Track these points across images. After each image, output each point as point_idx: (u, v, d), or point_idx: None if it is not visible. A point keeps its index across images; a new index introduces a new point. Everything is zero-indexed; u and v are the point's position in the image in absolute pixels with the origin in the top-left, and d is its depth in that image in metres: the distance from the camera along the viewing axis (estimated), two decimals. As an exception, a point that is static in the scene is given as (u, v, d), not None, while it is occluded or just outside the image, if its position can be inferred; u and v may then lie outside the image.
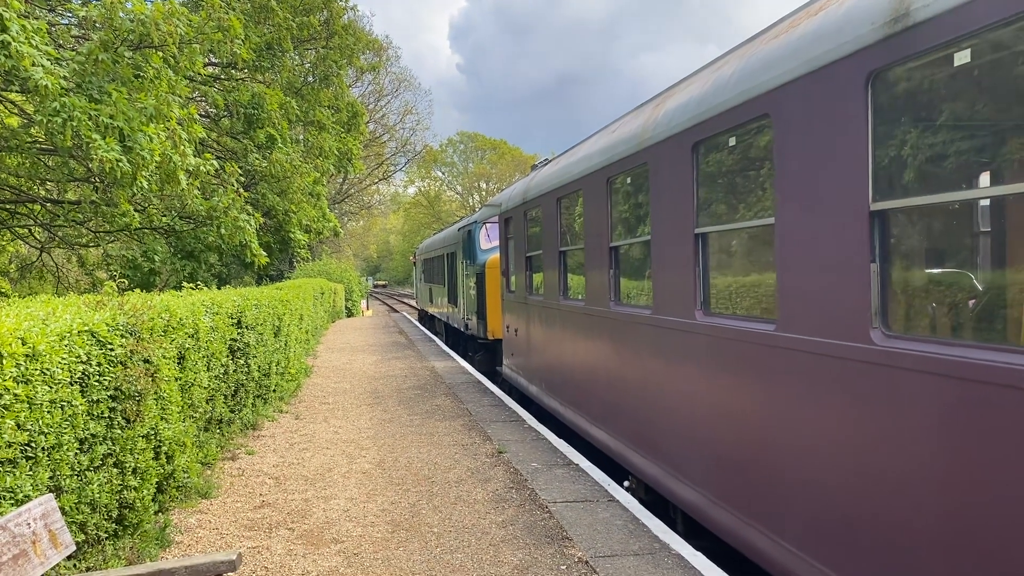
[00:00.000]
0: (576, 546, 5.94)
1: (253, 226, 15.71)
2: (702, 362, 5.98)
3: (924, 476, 3.64)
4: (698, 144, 5.99)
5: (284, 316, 13.11)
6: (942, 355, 3.50)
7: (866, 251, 3.98)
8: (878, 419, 3.93)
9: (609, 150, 8.03)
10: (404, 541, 6.20)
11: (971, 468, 3.35)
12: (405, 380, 15.40)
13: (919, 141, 3.84)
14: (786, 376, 4.81)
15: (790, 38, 4.86)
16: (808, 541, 4.60)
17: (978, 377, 3.30)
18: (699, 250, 6.00)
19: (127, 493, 5.63)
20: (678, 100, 6.57)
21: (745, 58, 5.49)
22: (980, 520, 3.32)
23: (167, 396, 6.44)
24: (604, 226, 8.18)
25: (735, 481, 5.51)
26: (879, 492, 3.96)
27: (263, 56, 19.14)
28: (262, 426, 10.75)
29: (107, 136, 9.50)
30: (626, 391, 7.72)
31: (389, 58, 54.47)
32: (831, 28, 4.36)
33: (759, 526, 5.13)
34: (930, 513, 3.61)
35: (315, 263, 39.16)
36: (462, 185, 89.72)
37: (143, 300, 6.54)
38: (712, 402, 5.84)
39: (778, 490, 4.92)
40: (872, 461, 4.00)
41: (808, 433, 4.59)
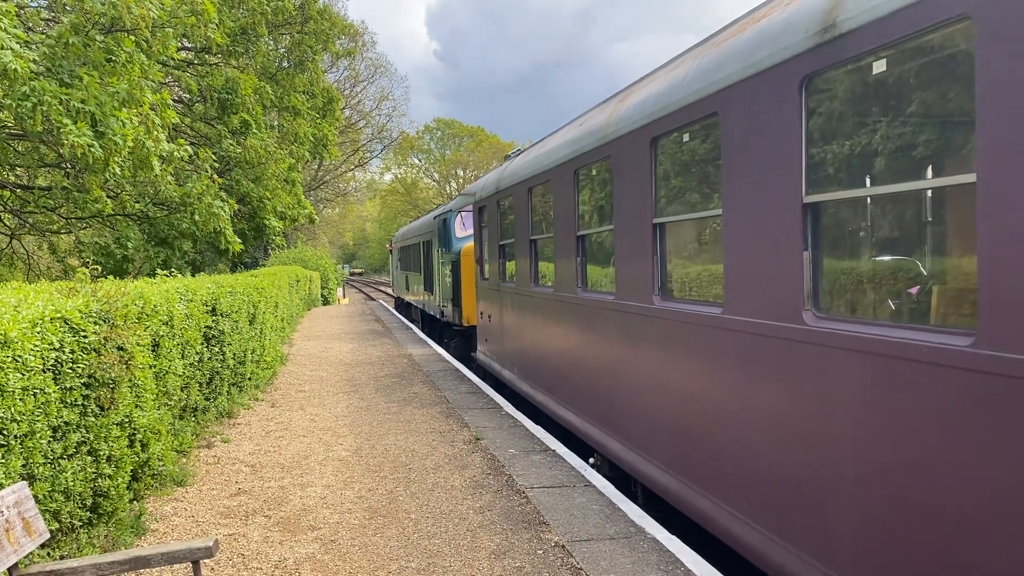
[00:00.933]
0: (553, 531, 5.98)
1: (227, 213, 15.59)
2: (659, 344, 6.36)
3: (849, 442, 4.01)
4: (656, 139, 6.33)
5: (259, 304, 13.04)
6: (864, 334, 3.86)
7: (799, 240, 4.36)
8: (811, 392, 4.29)
9: (576, 142, 8.31)
10: (381, 527, 6.21)
11: (888, 432, 3.72)
12: (382, 368, 15.37)
13: (845, 140, 4.22)
14: (732, 355, 5.16)
15: (736, 42, 5.20)
16: (751, 506, 4.97)
17: (894, 353, 3.66)
18: (657, 239, 6.38)
19: (101, 481, 5.59)
20: (638, 97, 6.87)
21: (697, 59, 5.81)
22: (894, 477, 3.71)
23: (141, 384, 6.39)
24: (572, 216, 8.46)
25: (687, 453, 5.90)
26: (812, 458, 4.33)
27: (237, 41, 18.93)
28: (237, 414, 10.70)
29: (79, 121, 9.37)
30: (591, 373, 8.05)
31: (365, 44, 54.08)
32: (771, 35, 4.70)
33: (708, 494, 5.53)
34: (854, 472, 3.98)
35: (290, 250, 38.92)
36: (439, 172, 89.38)
37: (117, 287, 6.48)
38: (667, 381, 6.22)
39: (724, 460, 5.31)
40: (805, 430, 4.36)
41: (751, 407, 4.94)
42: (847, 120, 4.24)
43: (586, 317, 8.14)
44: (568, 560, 5.41)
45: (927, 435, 3.50)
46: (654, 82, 6.69)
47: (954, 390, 3.34)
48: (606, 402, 7.65)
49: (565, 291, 8.78)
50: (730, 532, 5.20)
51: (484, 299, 13.90)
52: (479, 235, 14.33)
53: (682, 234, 6.33)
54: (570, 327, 8.72)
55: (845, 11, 3.98)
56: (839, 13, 4.02)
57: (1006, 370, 3.08)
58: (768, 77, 4.65)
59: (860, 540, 3.95)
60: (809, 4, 4.39)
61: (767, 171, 4.68)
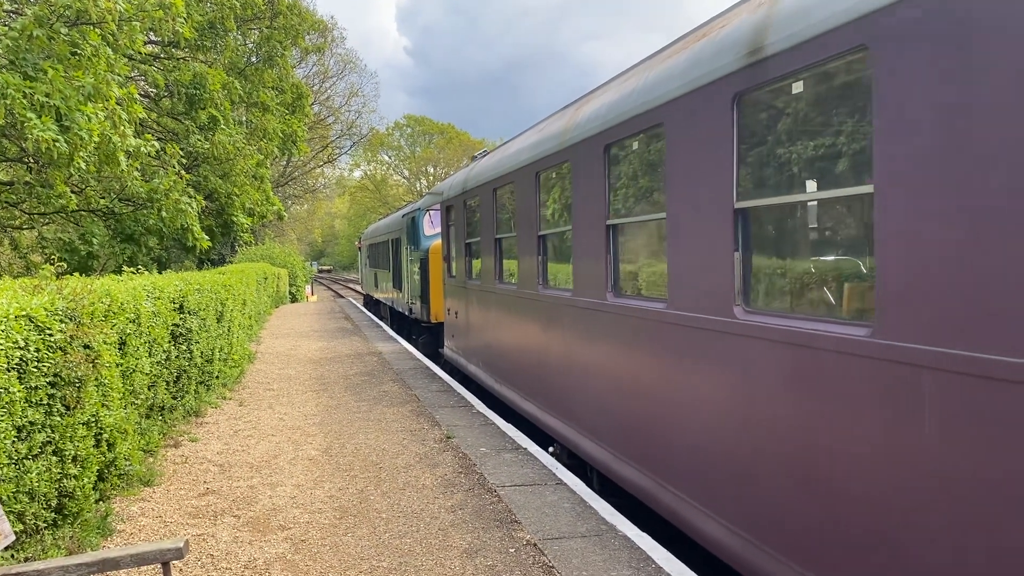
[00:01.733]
0: (525, 529, 5.99)
1: (195, 209, 15.41)
2: (611, 337, 6.80)
3: (770, 423, 4.45)
4: (609, 146, 6.76)
5: (227, 301, 12.91)
6: (783, 326, 4.30)
7: (731, 242, 4.81)
8: (740, 379, 4.76)
9: (537, 146, 8.71)
10: (352, 527, 6.19)
11: (802, 414, 4.16)
12: (352, 366, 15.29)
13: (770, 152, 4.68)
14: (674, 347, 5.62)
15: (680, 59, 5.60)
16: (689, 484, 5.43)
17: (807, 343, 4.09)
18: (610, 239, 6.80)
19: (67, 482, 5.51)
20: (593, 106, 7.30)
21: (646, 73, 6.22)
22: (807, 454, 4.13)
23: (108, 382, 6.30)
24: (534, 216, 8.86)
25: (634, 439, 6.38)
26: (740, 438, 4.77)
27: (205, 35, 18.69)
28: (205, 413, 10.59)
29: (43, 115, 9.20)
30: (551, 366, 8.45)
31: (334, 39, 53.62)
32: (709, 54, 5.12)
33: (652, 475, 6.01)
34: (774, 450, 4.43)
35: (258, 247, 38.56)
36: (409, 169, 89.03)
37: (83, 284, 6.38)
38: (618, 372, 6.67)
39: (665, 444, 5.80)
40: (735, 413, 4.81)
41: (689, 394, 5.42)
42: (772, 134, 4.69)
43: (546, 313, 8.53)
44: (540, 558, 5.43)
45: (834, 416, 3.90)
46: (607, 92, 7.09)
47: (855, 376, 3.74)
48: (564, 394, 8.05)
49: (527, 288, 9.18)
50: (671, 509, 5.67)
51: (451, 296, 14.22)
52: (446, 234, 14.64)
53: (632, 235, 6.75)
54: (532, 323, 9.12)
55: (770, 36, 4.40)
56: (765, 38, 4.43)
57: (897, 357, 3.47)
58: (706, 92, 5.07)
59: (779, 511, 4.38)
60: (741, 28, 4.80)
61: (704, 178, 5.12)
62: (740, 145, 4.79)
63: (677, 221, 5.51)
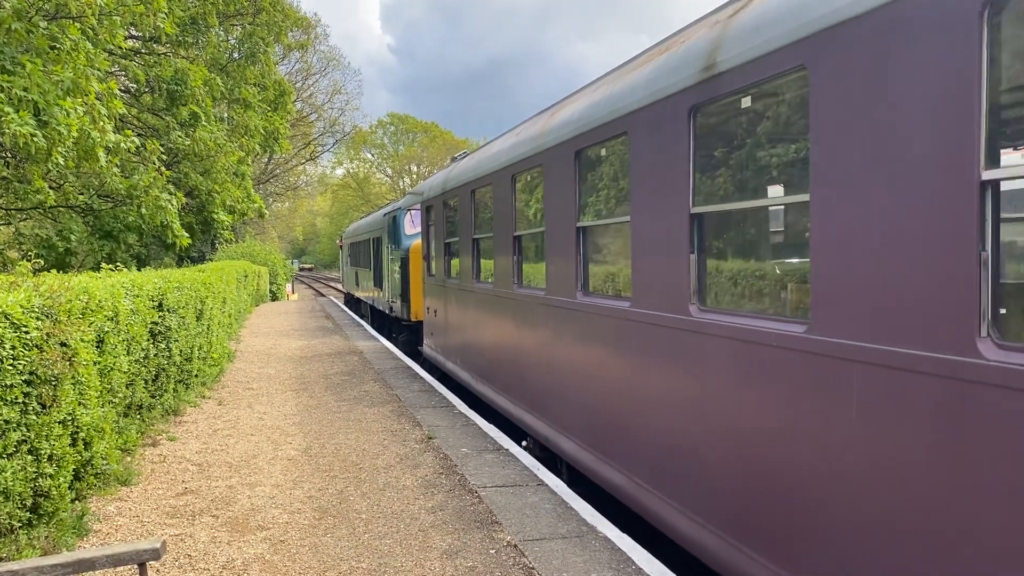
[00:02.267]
0: (505, 530, 5.98)
1: (175, 206, 15.28)
2: (580, 335, 7.12)
3: (722, 413, 4.82)
4: (579, 152, 7.07)
5: (207, 299, 12.81)
6: (733, 323, 4.65)
7: (687, 244, 5.15)
8: (695, 372, 5.11)
9: (514, 150, 9.01)
10: (332, 528, 6.15)
11: (750, 404, 4.52)
12: (332, 365, 15.23)
13: (722, 161, 5.08)
14: (636, 343, 5.96)
15: (643, 71, 5.94)
16: (650, 472, 5.76)
17: (753, 339, 4.43)
18: (580, 241, 7.12)
19: (42, 481, 5.44)
20: (565, 112, 7.63)
21: (614, 83, 6.56)
22: (753, 441, 4.49)
23: (85, 381, 6.23)
24: (510, 217, 9.14)
25: (600, 430, 6.73)
26: (695, 428, 5.13)
27: (187, 31, 18.55)
28: (184, 412, 10.50)
29: (21, 109, 9.08)
30: (525, 363, 8.79)
31: (317, 36, 53.39)
32: (669, 68, 5.47)
33: (616, 464, 6.33)
34: (725, 439, 4.79)
35: (239, 245, 38.29)
36: (392, 168, 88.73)
37: (60, 281, 6.31)
38: (586, 367, 7.01)
39: (628, 434, 6.13)
40: (691, 405, 5.16)
41: (650, 387, 5.76)
42: (724, 145, 5.09)
43: (521, 311, 8.87)
44: (520, 560, 5.42)
45: (776, 405, 4.26)
46: (579, 100, 7.43)
47: (793, 368, 4.10)
48: (537, 389, 8.39)
49: (503, 287, 9.49)
50: (633, 497, 6.02)
51: (430, 295, 14.52)
52: (426, 233, 14.91)
53: (601, 237, 7.09)
54: (507, 320, 9.43)
55: (722, 54, 4.75)
56: (718, 55, 4.79)
57: (829, 351, 3.83)
58: (665, 104, 5.41)
59: (730, 495, 4.74)
60: (698, 45, 5.15)
61: (664, 184, 5.47)
62: (696, 154, 5.14)
63: (640, 224, 5.85)
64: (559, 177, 7.48)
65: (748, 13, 4.66)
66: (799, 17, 4.06)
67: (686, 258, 5.16)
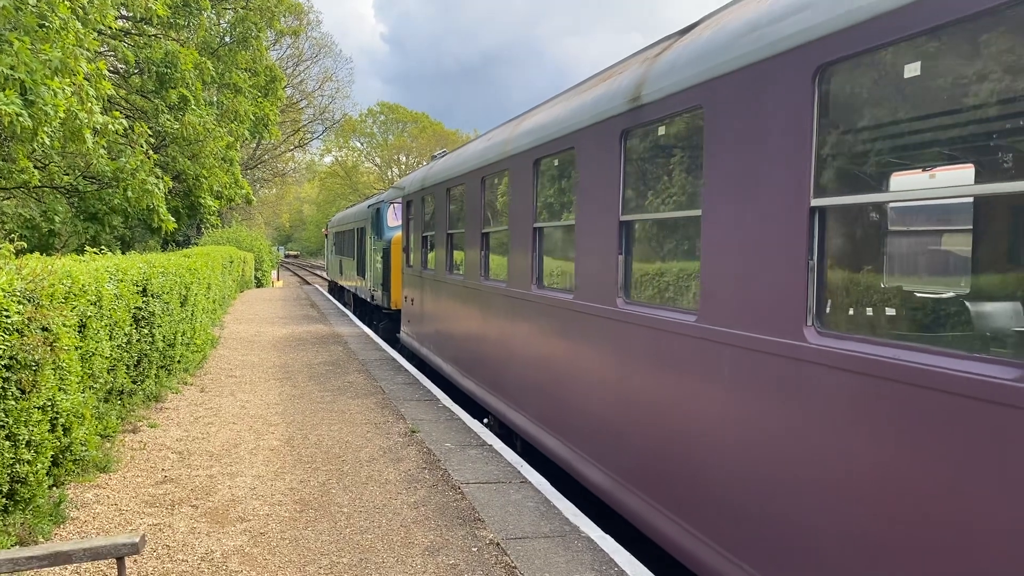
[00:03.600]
0: (488, 528, 5.95)
1: (162, 190, 15.13)
2: (532, 322, 8.08)
3: (638, 388, 5.67)
4: (537, 160, 7.93)
5: (191, 285, 12.69)
6: (647, 314, 5.55)
7: (616, 247, 6.08)
8: (620, 355, 5.99)
9: (484, 153, 9.82)
10: (313, 521, 6.10)
11: (657, 380, 5.42)
12: (317, 354, 15.14)
13: (646, 177, 6.10)
14: (577, 330, 6.86)
15: (589, 95, 6.86)
16: (584, 442, 6.74)
17: (660, 327, 5.38)
18: (536, 240, 8.00)
19: (19, 467, 5.36)
20: (528, 123, 8.47)
21: (567, 102, 7.50)
22: (664, 410, 5.31)
23: (66, 366, 6.15)
24: (479, 215, 10.02)
25: (546, 407, 7.69)
26: (619, 401, 6.02)
27: (179, 13, 18.33)
28: (166, 398, 10.41)
29: (7, 88, 8.93)
30: (487, 348, 9.74)
31: (310, 22, 53.09)
32: (607, 95, 6.35)
33: (558, 436, 7.29)
34: (640, 412, 5.66)
35: (225, 230, 38.03)
36: (381, 157, 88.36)
37: (43, 265, 6.21)
38: (537, 351, 7.93)
39: (569, 410, 7.08)
40: (617, 383, 6.06)
41: (584, 369, 6.71)
42: (646, 166, 6.09)
43: (486, 301, 9.75)
44: (502, 558, 5.39)
45: (676, 382, 5.16)
46: (539, 114, 8.30)
47: (687, 351, 5.03)
48: (497, 371, 9.31)
49: (472, 279, 10.39)
50: (567, 461, 7.01)
51: (408, 285, 15.55)
52: (406, 226, 15.86)
53: (553, 237, 7.98)
54: (474, 309, 10.34)
55: (645, 88, 5.65)
56: (643, 89, 5.68)
57: (710, 336, 4.75)
58: (602, 127, 6.32)
59: (636, 458, 5.74)
60: (629, 77, 6.04)
61: (600, 195, 6.36)
62: (625, 171, 6.07)
63: (581, 228, 6.75)
64: (520, 182, 8.36)
65: (667, 55, 5.55)
66: (697, 65, 4.99)
67: (615, 258, 6.09)
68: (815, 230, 3.93)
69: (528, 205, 8.08)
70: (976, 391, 3.00)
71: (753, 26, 4.49)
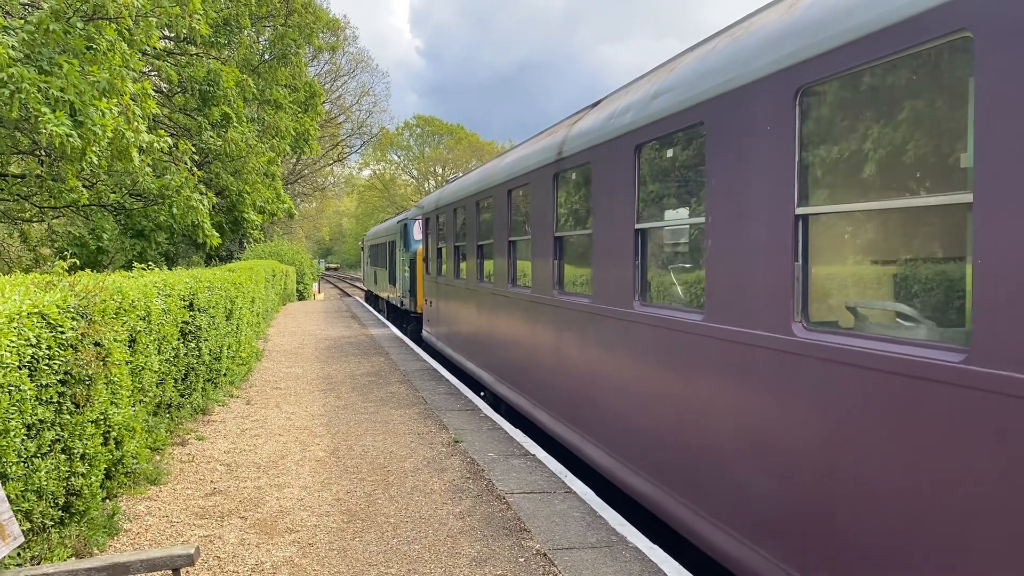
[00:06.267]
0: (534, 538, 5.93)
1: (206, 206, 15.40)
2: (510, 313, 10.39)
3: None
4: (510, 191, 10.20)
5: (236, 299, 12.87)
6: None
7: (551, 255, 8.53)
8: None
9: (479, 183, 12.18)
10: (360, 531, 6.14)
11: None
12: (359, 366, 15.25)
13: (569, 208, 8.30)
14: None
15: (536, 146, 9.40)
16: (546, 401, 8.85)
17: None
18: (509, 251, 10.32)
19: (75, 480, 5.46)
20: (505, 161, 11.01)
21: (523, 149, 10.14)
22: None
23: (117, 380, 6.26)
24: (475, 231, 12.52)
25: (524, 378, 9.74)
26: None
27: (220, 32, 18.69)
28: (212, 411, 10.56)
29: (57, 110, 9.18)
30: (484, 336, 12.09)
31: (347, 38, 53.67)
32: (544, 147, 8.94)
33: (532, 400, 9.38)
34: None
35: (266, 244, 38.54)
36: (418, 169, 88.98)
37: (95, 281, 6.35)
38: (518, 335, 9.96)
39: (542, 381, 9.03)
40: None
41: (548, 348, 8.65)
42: (571, 198, 8.30)
43: (487, 301, 11.70)
44: (550, 568, 5.36)
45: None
46: (511, 155, 11.03)
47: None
48: (491, 354, 11.55)
49: (470, 282, 12.80)
50: (543, 423, 8.88)
51: (428, 290, 18.08)
52: (426, 240, 18.53)
53: (523, 250, 9.67)
54: (478, 307, 12.39)
55: (565, 146, 8.10)
56: (564, 145, 8.13)
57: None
58: (542, 170, 8.79)
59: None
60: (558, 137, 8.52)
61: (541, 219, 8.80)
62: (556, 202, 8.40)
63: (534, 242, 9.11)
64: (499, 207, 10.83)
65: (577, 125, 8.01)
66: (587, 136, 7.45)
67: (549, 262, 8.49)
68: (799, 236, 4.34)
69: (504, 226, 10.57)
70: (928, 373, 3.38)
71: (609, 116, 7.05)
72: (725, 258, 5.02)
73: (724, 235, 5.03)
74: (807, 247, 4.29)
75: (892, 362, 3.54)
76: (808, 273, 4.30)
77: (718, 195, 5.06)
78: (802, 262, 4.28)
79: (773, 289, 4.47)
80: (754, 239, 4.69)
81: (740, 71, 4.77)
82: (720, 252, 5.08)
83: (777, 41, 4.44)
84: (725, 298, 5.03)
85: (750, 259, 4.74)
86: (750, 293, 4.73)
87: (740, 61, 4.82)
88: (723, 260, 5.05)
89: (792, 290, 4.29)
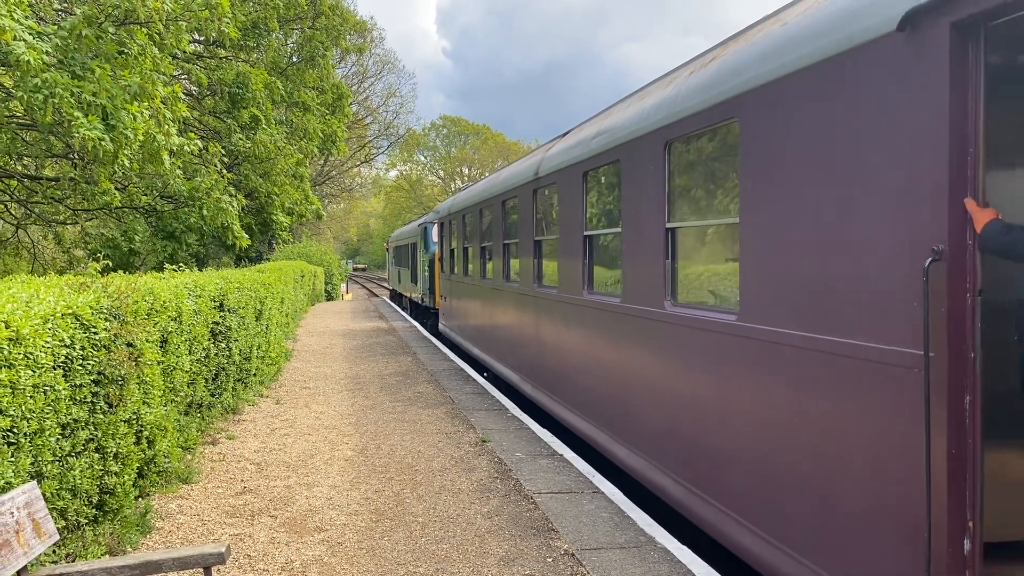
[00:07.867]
0: (562, 538, 5.92)
1: (235, 208, 15.54)
2: (505, 306, 12.38)
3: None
4: (504, 202, 12.27)
5: (266, 299, 12.99)
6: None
7: (532, 255, 10.45)
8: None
9: (483, 193, 14.03)
10: (388, 531, 6.17)
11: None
12: (387, 365, 15.33)
13: (545, 223, 10.11)
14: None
15: (518, 167, 11.79)
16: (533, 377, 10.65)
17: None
18: (505, 254, 12.41)
19: (108, 478, 5.55)
20: (504, 174, 12.95)
21: (512, 168, 12.54)
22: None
23: (150, 380, 6.35)
24: (477, 234, 14.62)
25: (526, 366, 11.07)
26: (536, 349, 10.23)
27: (248, 35, 18.84)
28: (243, 410, 10.66)
29: (89, 114, 9.31)
30: (487, 325, 13.93)
31: (373, 39, 53.90)
32: (523, 168, 11.14)
33: (528, 378, 10.92)
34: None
35: (295, 245, 38.86)
36: (444, 170, 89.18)
37: (127, 282, 6.43)
38: (506, 323, 12.28)
39: (525, 358, 11.01)
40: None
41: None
42: (545, 211, 10.11)
43: (497, 297, 13.01)
44: (578, 569, 5.35)
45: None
46: (507, 170, 13.20)
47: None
48: (494, 340, 13.41)
49: (474, 279, 14.91)
50: (534, 397, 10.53)
51: (444, 287, 20.09)
52: (441, 241, 20.73)
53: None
54: (490, 302, 13.78)
55: (541, 167, 9.85)
56: (540, 167, 9.90)
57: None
58: (524, 188, 10.68)
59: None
60: (535, 158, 10.65)
61: (524, 228, 10.77)
62: (536, 215, 10.31)
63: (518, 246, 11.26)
64: (493, 215, 12.99)
65: (550, 151, 9.87)
66: (556, 160, 9.19)
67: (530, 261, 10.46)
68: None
69: (499, 231, 12.57)
70: (720, 328, 5.36)
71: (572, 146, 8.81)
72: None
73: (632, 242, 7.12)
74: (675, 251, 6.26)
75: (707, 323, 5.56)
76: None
77: (626, 215, 7.14)
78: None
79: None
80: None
81: (638, 126, 6.75)
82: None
83: (658, 108, 6.37)
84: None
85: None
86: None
87: (641, 118, 6.75)
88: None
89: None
